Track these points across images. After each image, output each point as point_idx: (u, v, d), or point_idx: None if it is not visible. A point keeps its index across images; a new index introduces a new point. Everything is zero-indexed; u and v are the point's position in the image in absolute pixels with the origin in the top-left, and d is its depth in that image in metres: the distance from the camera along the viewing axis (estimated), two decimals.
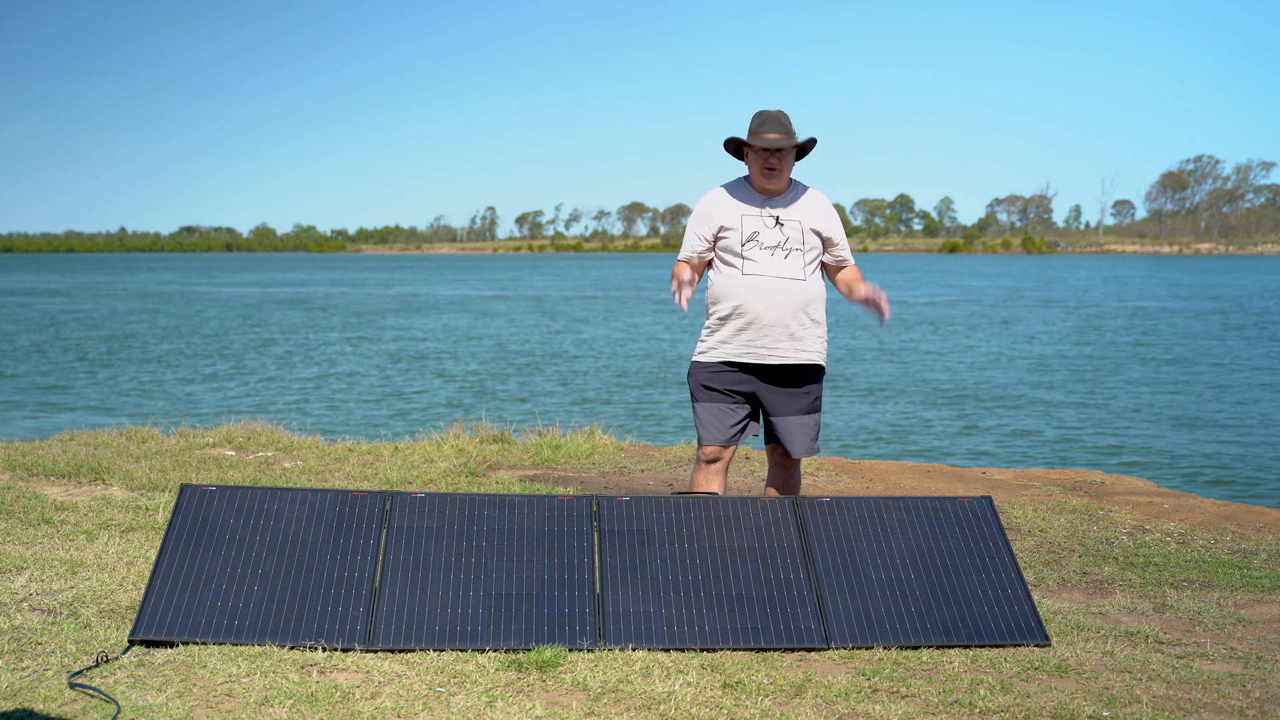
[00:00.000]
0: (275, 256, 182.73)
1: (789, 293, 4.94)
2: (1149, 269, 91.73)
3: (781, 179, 5.01)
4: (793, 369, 5.01)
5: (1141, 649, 4.26)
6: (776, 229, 4.98)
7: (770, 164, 4.96)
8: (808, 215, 5.03)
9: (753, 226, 4.99)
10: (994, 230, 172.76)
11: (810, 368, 5.04)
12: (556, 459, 8.03)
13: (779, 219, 5.00)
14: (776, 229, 4.98)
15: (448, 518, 4.54)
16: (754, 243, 4.96)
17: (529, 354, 26.40)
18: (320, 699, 3.59)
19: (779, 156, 4.96)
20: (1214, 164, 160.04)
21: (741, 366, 5.01)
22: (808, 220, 5.02)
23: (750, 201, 5.04)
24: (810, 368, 5.04)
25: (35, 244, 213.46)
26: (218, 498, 4.55)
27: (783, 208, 5.03)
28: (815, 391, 5.08)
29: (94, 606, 4.43)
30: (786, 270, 4.95)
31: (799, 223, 5.00)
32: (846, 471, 7.78)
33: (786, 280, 4.94)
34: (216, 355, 26.20)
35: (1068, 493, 7.13)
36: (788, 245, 4.97)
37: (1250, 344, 28.55)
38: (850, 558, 4.51)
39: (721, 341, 5.02)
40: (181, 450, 8.08)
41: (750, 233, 4.98)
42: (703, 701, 3.65)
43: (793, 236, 4.98)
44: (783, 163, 4.98)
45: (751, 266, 4.96)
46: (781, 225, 4.99)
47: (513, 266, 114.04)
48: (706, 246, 5.06)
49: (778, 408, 5.03)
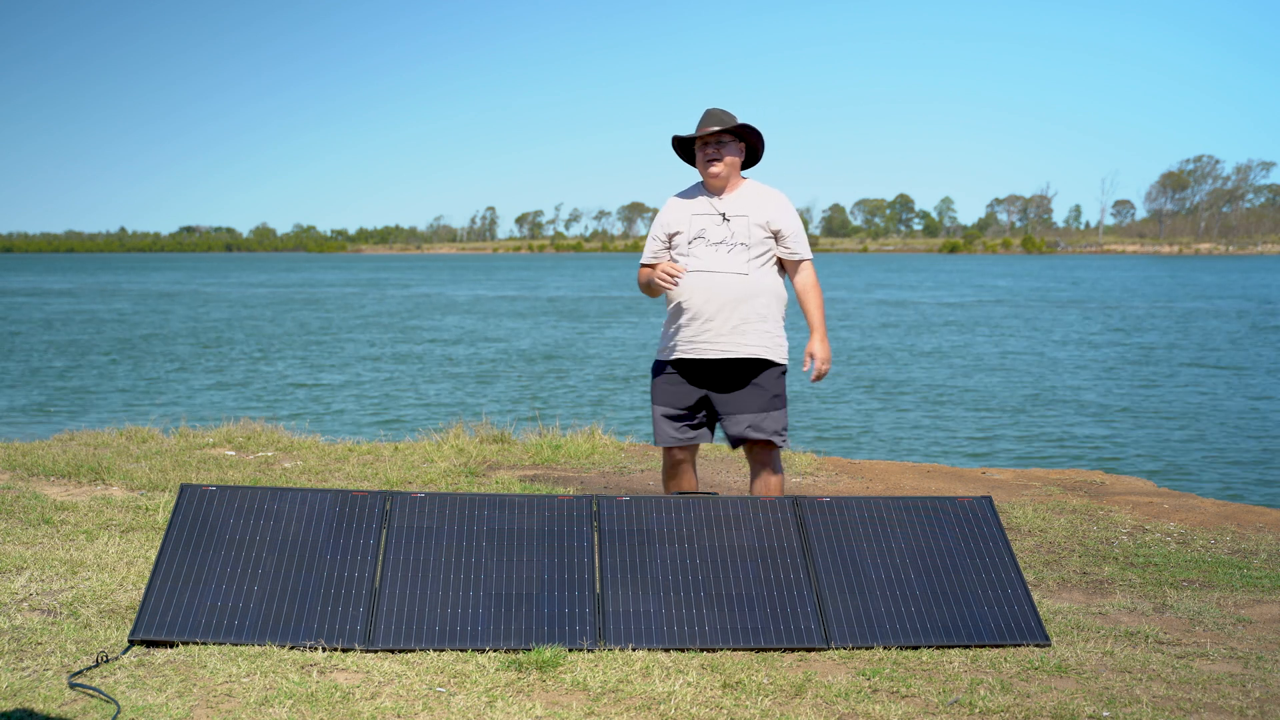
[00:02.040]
0: (277, 256, 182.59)
1: (731, 287, 4.98)
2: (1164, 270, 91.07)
3: (725, 170, 5.05)
4: (739, 364, 5.02)
5: (1141, 649, 4.26)
6: (724, 225, 5.04)
7: (709, 153, 5.03)
8: (756, 209, 5.06)
9: (700, 225, 5.07)
10: (994, 230, 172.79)
11: (758, 362, 5.04)
12: (556, 459, 8.03)
13: (725, 215, 5.05)
14: (724, 225, 5.04)
15: (448, 518, 4.54)
16: (700, 239, 5.05)
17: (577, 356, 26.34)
18: (320, 699, 3.59)
19: (718, 148, 5.02)
20: (1214, 164, 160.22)
21: (691, 363, 5.05)
22: (755, 214, 5.05)
23: (701, 201, 5.11)
24: (758, 362, 5.04)
25: (35, 244, 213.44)
26: (218, 498, 4.55)
27: (731, 203, 5.08)
28: (772, 387, 5.05)
29: (94, 606, 4.43)
30: (730, 265, 5.01)
31: (746, 218, 5.04)
32: (846, 471, 7.78)
33: (729, 275, 5.00)
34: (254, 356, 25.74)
35: (1068, 493, 7.13)
36: (733, 240, 5.03)
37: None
38: (850, 558, 4.51)
39: (672, 338, 5.11)
40: (181, 450, 8.08)
41: (698, 230, 5.06)
42: (703, 701, 3.65)
43: (739, 232, 5.03)
44: (722, 153, 5.02)
45: (696, 263, 5.04)
46: (728, 221, 5.04)
47: (522, 266, 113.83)
48: (662, 246, 5.15)
49: (732, 405, 5.04)
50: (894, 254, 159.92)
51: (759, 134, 5.08)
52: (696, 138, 5.04)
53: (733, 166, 5.07)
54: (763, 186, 5.17)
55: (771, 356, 5.03)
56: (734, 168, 5.09)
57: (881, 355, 25.74)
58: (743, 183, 5.15)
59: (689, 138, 5.08)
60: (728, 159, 5.04)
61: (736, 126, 5.01)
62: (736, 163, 5.09)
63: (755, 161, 5.21)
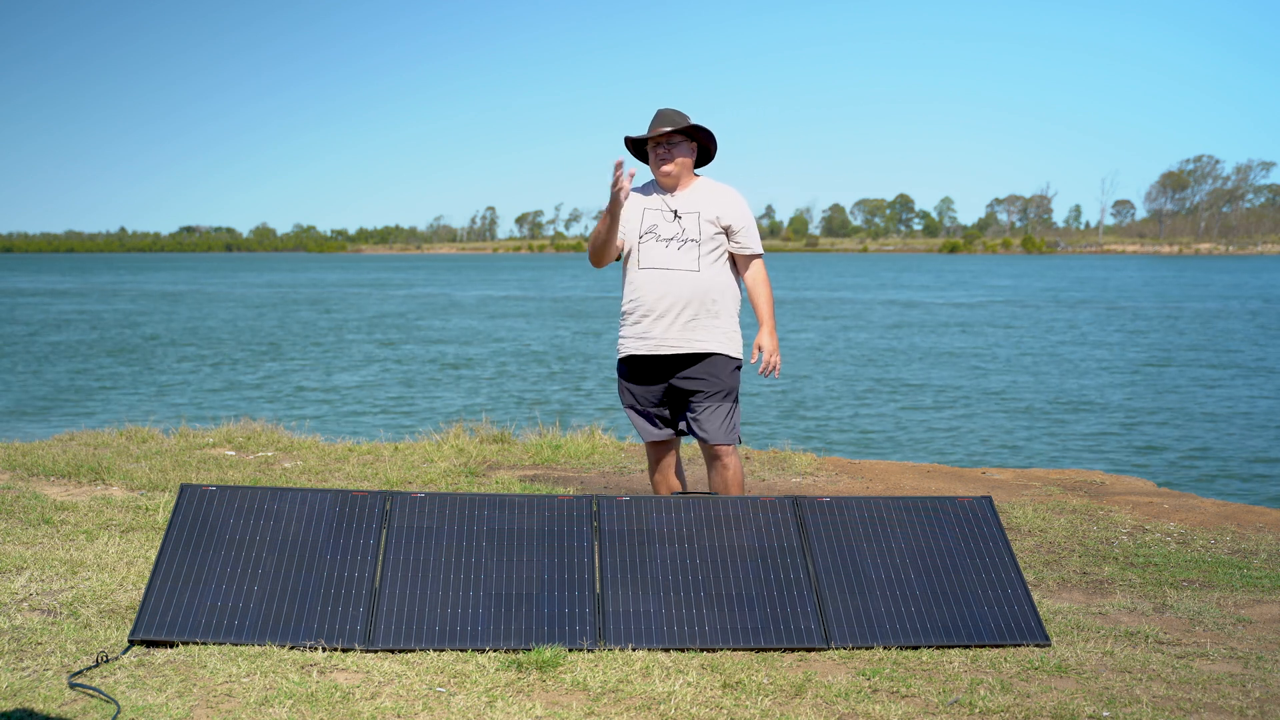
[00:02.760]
0: (278, 256, 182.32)
1: (683, 284, 5.04)
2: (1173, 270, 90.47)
3: (676, 168, 5.10)
4: (692, 358, 5.08)
5: (1141, 649, 4.26)
6: (675, 222, 5.09)
7: (660, 153, 5.10)
8: (706, 205, 5.11)
9: (651, 220, 5.13)
10: (994, 230, 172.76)
11: (712, 357, 5.09)
12: (556, 459, 8.03)
13: (676, 211, 5.11)
14: (675, 222, 5.09)
15: (448, 518, 4.54)
16: (651, 235, 5.11)
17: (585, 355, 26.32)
18: (320, 699, 3.59)
19: (669, 148, 5.09)
20: (1214, 164, 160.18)
21: (647, 359, 5.12)
22: (706, 210, 5.10)
23: (653, 198, 5.17)
24: (712, 357, 5.09)
25: (35, 244, 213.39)
26: (218, 498, 4.55)
27: (682, 201, 5.13)
28: (724, 381, 5.11)
29: (94, 606, 4.43)
30: (680, 262, 5.06)
31: (697, 214, 5.09)
32: (846, 471, 7.78)
33: (679, 272, 5.05)
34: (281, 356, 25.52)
35: (1068, 493, 7.13)
36: (684, 237, 5.08)
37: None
38: (850, 558, 4.51)
39: (627, 335, 5.18)
40: (181, 450, 8.09)
41: (649, 226, 5.12)
42: (703, 701, 3.65)
43: (689, 228, 5.08)
44: (673, 153, 5.09)
45: (646, 260, 5.10)
46: (680, 218, 5.09)
47: (524, 266, 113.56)
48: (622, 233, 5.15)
49: (687, 400, 5.12)
50: (894, 254, 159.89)
51: (710, 134, 5.15)
52: (648, 138, 5.11)
53: (684, 166, 5.14)
54: (715, 183, 5.23)
55: (725, 350, 5.09)
56: (685, 167, 5.15)
57: (898, 356, 25.74)
58: (695, 180, 5.21)
59: (641, 138, 5.15)
60: (679, 159, 5.10)
61: (687, 127, 5.07)
62: (688, 162, 5.16)
63: (708, 160, 5.29)
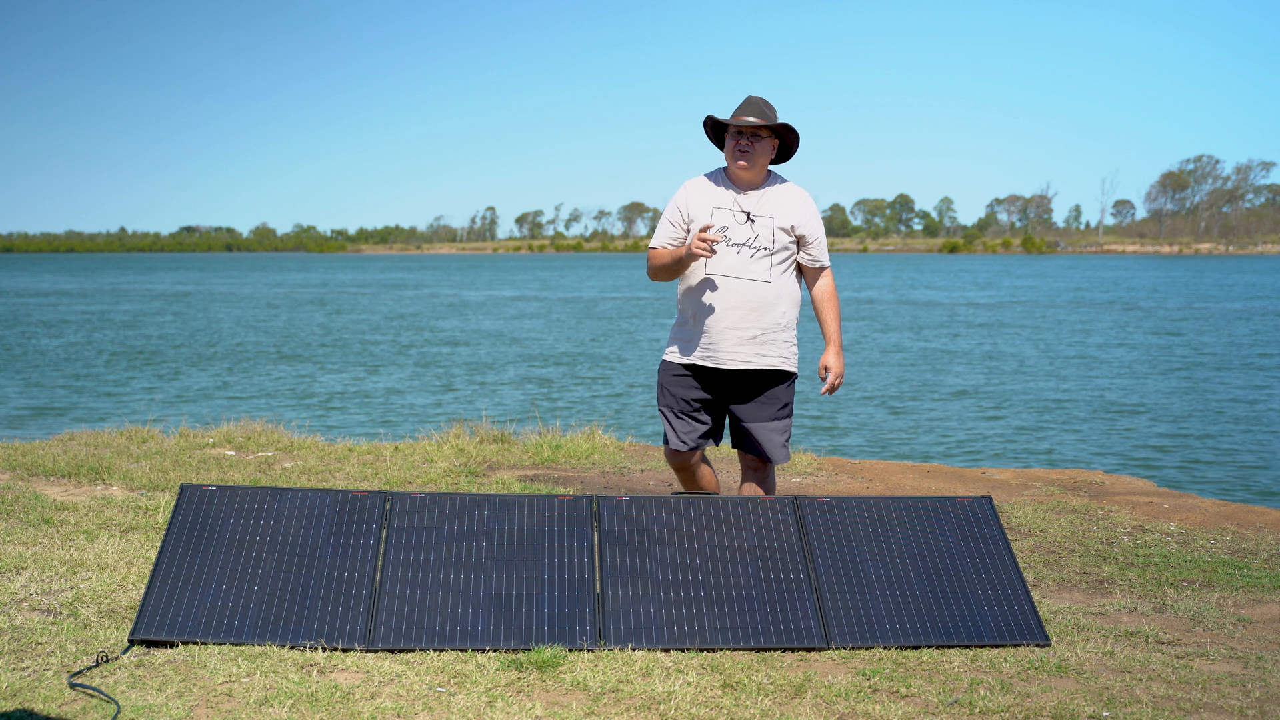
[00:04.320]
0: (279, 257, 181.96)
1: (752, 295, 4.80)
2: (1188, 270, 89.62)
3: (755, 166, 4.84)
4: (756, 374, 4.90)
5: (1141, 649, 4.26)
6: (747, 225, 4.82)
7: (742, 145, 4.81)
8: (781, 211, 4.86)
9: (722, 220, 4.84)
10: (994, 230, 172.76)
11: (776, 373, 4.92)
12: (556, 459, 8.03)
13: (750, 214, 4.84)
14: (747, 225, 4.82)
15: (448, 518, 4.54)
16: (721, 239, 4.78)
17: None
18: (320, 699, 3.59)
19: (752, 141, 4.81)
20: (1214, 164, 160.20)
21: (704, 370, 4.91)
22: (781, 217, 4.85)
23: (724, 194, 4.89)
24: (776, 373, 4.92)
25: (35, 244, 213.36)
26: (218, 498, 4.55)
27: (756, 202, 4.87)
28: (784, 397, 4.95)
29: (94, 606, 4.43)
30: (752, 271, 4.81)
31: (770, 219, 4.84)
32: (846, 471, 7.78)
33: (750, 282, 4.81)
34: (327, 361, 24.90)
35: (1068, 493, 7.13)
36: (756, 243, 4.82)
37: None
38: (850, 558, 4.51)
39: (685, 342, 4.92)
40: (181, 450, 8.08)
41: (719, 227, 4.81)
42: (703, 701, 3.65)
43: (762, 234, 4.82)
44: (755, 147, 4.81)
45: (716, 265, 4.83)
46: (752, 221, 4.83)
47: (527, 267, 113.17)
48: (680, 236, 4.92)
49: (744, 414, 4.93)
50: (894, 254, 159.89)
51: (796, 134, 4.89)
52: (731, 125, 4.84)
53: (763, 163, 4.88)
54: (790, 186, 4.96)
55: (789, 368, 4.92)
56: (764, 164, 4.89)
57: (920, 357, 25.73)
58: (771, 180, 4.94)
59: (725, 122, 4.86)
60: (760, 154, 4.84)
61: (777, 125, 4.82)
62: (767, 160, 4.89)
63: (786, 159, 5.02)
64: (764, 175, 4.93)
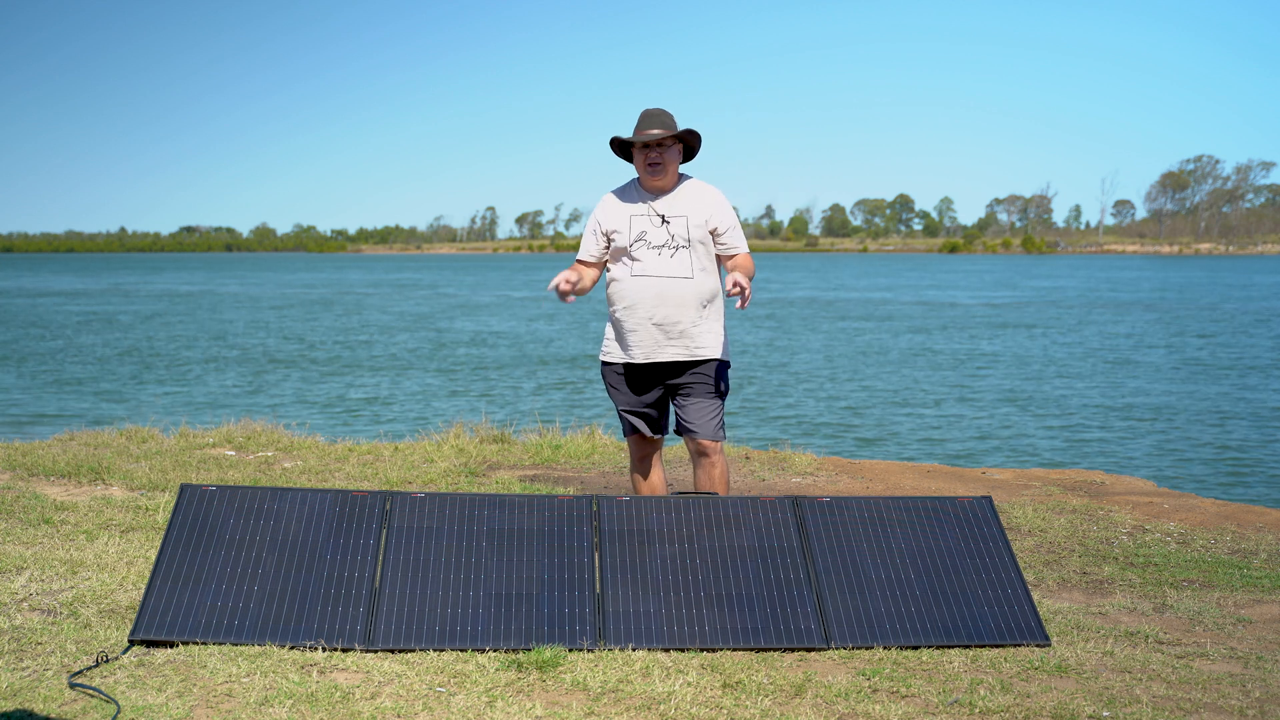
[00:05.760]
0: (280, 257, 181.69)
1: (678, 291, 4.99)
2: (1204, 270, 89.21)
3: (666, 174, 5.04)
4: (687, 364, 5.07)
5: (1141, 649, 4.26)
6: (663, 227, 5.03)
7: (652, 159, 5.02)
8: (694, 209, 5.05)
9: (640, 227, 5.05)
10: (994, 230, 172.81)
11: (704, 362, 5.08)
12: (556, 459, 8.03)
13: (665, 217, 5.04)
14: (663, 227, 5.03)
15: (448, 518, 4.54)
16: (641, 242, 5.03)
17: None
18: (320, 699, 3.59)
19: (660, 152, 5.01)
20: (1214, 164, 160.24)
21: (638, 366, 5.08)
22: (694, 214, 5.04)
23: (638, 202, 5.09)
24: (704, 362, 5.08)
25: (35, 244, 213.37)
26: (218, 498, 4.55)
27: (669, 205, 5.06)
28: (715, 382, 5.11)
29: (94, 606, 4.43)
30: (674, 269, 5.01)
31: (685, 218, 5.03)
32: (846, 471, 7.78)
33: (675, 279, 5.00)
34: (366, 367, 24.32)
35: (1068, 493, 7.13)
36: (675, 243, 5.01)
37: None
38: (850, 558, 4.51)
39: (617, 341, 5.13)
40: (181, 450, 8.09)
41: (638, 233, 5.04)
42: (703, 701, 3.65)
43: (679, 234, 5.02)
44: (664, 157, 5.01)
45: (640, 267, 5.04)
46: (668, 223, 5.03)
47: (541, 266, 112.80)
48: (602, 248, 5.15)
49: (681, 401, 5.11)
50: (894, 254, 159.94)
51: (698, 136, 5.09)
52: (637, 141, 5.03)
53: (673, 169, 5.08)
54: (700, 184, 5.16)
55: (719, 355, 5.08)
56: (674, 170, 5.09)
57: (946, 358, 25.75)
58: (681, 181, 5.14)
59: (628, 140, 5.06)
60: (669, 162, 5.04)
61: (680, 132, 5.02)
62: (676, 164, 5.09)
63: (691, 158, 5.21)
64: (675, 179, 5.13)
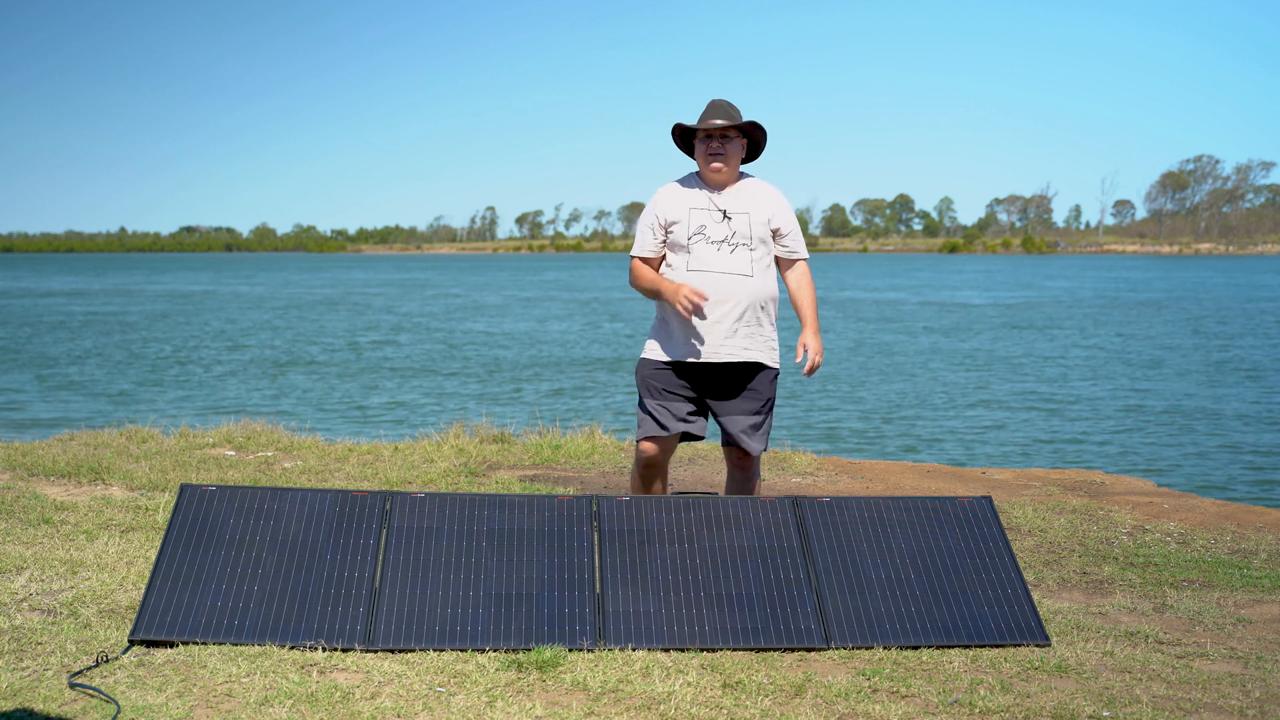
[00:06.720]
0: (281, 257, 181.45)
1: (734, 289, 4.86)
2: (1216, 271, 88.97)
3: (728, 167, 4.93)
4: (739, 368, 4.93)
5: (1141, 649, 4.26)
6: (724, 223, 4.89)
7: (714, 149, 4.90)
8: (756, 207, 4.93)
9: (699, 220, 4.91)
10: (994, 230, 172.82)
11: (757, 367, 4.96)
12: (556, 459, 8.03)
13: (726, 212, 4.91)
14: (724, 223, 4.89)
15: (448, 518, 4.54)
16: (700, 237, 4.88)
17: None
18: (320, 699, 3.59)
19: (723, 143, 4.90)
20: (1214, 164, 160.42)
21: (687, 366, 4.93)
22: (756, 212, 4.92)
23: (699, 195, 4.96)
24: (757, 367, 4.96)
25: (35, 244, 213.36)
26: (218, 498, 4.55)
27: (730, 200, 4.94)
28: (765, 391, 4.98)
29: (94, 606, 4.43)
30: (733, 266, 4.87)
31: (747, 215, 4.91)
32: (846, 471, 7.78)
33: (733, 276, 4.86)
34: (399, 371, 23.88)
35: (1068, 493, 7.13)
36: (735, 240, 4.88)
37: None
38: (850, 558, 4.51)
39: (667, 339, 4.96)
40: (181, 450, 8.09)
41: (697, 227, 4.89)
42: (703, 701, 3.65)
43: (740, 230, 4.89)
44: (727, 149, 4.90)
45: (697, 262, 4.88)
46: (729, 219, 4.90)
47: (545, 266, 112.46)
48: (658, 239, 4.98)
49: (725, 409, 4.95)
50: (894, 254, 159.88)
51: (764, 131, 4.97)
52: (700, 129, 4.91)
53: (735, 162, 4.96)
54: (762, 183, 5.05)
55: (770, 361, 4.96)
56: (736, 164, 4.97)
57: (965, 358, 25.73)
58: (742, 178, 5.03)
59: (692, 128, 4.94)
60: (731, 155, 4.91)
61: (745, 124, 4.90)
62: (739, 159, 4.97)
63: (755, 157, 5.10)
64: (736, 174, 5.02)
